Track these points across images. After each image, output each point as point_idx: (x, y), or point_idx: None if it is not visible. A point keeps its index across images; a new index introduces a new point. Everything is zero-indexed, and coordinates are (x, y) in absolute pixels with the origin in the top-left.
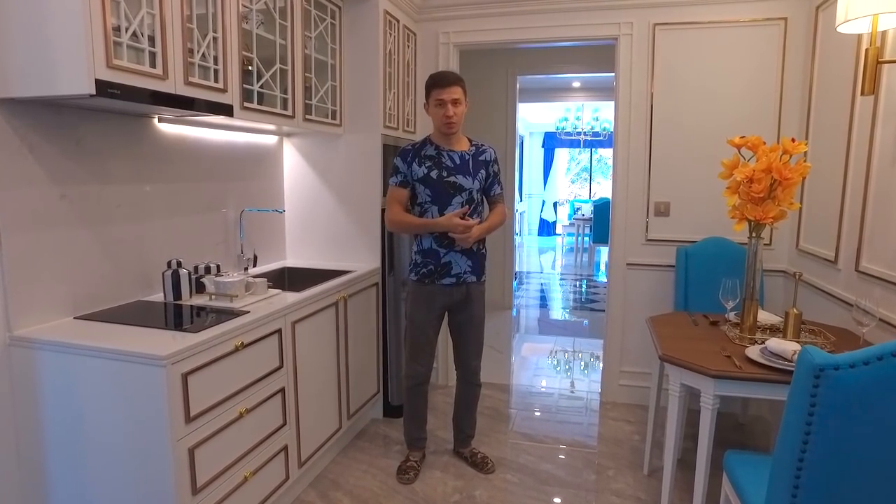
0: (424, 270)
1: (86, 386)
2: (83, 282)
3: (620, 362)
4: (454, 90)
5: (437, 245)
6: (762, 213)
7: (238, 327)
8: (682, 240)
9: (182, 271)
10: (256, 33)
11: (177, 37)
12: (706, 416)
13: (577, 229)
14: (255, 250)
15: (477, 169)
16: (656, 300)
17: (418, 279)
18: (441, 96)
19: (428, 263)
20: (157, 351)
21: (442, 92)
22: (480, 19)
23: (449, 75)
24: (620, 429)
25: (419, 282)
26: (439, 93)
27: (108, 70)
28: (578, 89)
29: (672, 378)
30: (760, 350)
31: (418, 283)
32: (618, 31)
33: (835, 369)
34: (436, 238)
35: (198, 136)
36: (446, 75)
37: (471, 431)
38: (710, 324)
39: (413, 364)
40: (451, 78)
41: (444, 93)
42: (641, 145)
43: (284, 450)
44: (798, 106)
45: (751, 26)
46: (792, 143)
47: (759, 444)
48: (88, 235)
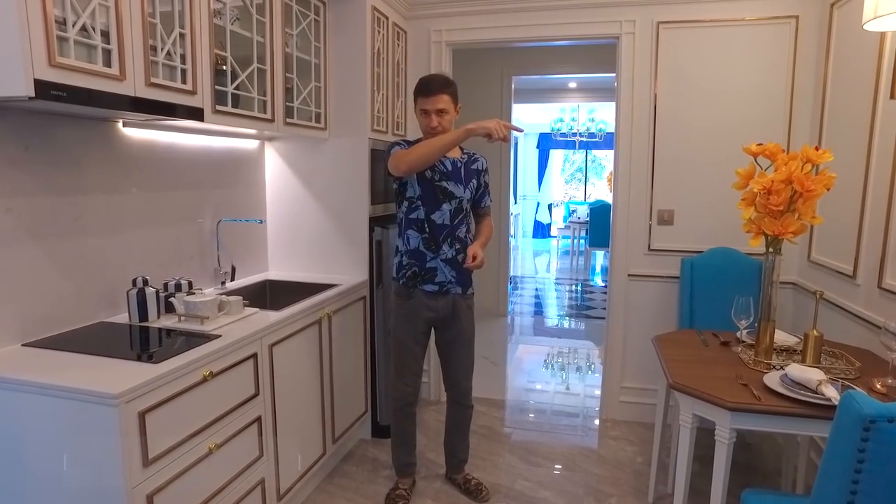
0: (409, 273)
1: (27, 427)
2: (35, 303)
3: (621, 378)
4: (439, 99)
5: (425, 247)
6: (781, 228)
7: (207, 355)
8: (688, 250)
9: (149, 290)
10: (231, 30)
11: (136, 32)
12: (721, 452)
13: (572, 232)
14: (234, 263)
15: (469, 178)
16: (659, 314)
17: (401, 282)
18: (425, 106)
19: (412, 265)
20: (108, 388)
21: (426, 101)
22: (474, 17)
23: (434, 83)
24: (622, 450)
25: (403, 286)
26: (423, 102)
27: (50, 69)
28: (575, 90)
29: (683, 408)
30: (780, 378)
31: (401, 294)
32: (619, 29)
33: (889, 421)
34: (424, 240)
35: (170, 141)
36: (432, 82)
37: (464, 456)
38: (720, 344)
39: (399, 384)
40: (436, 87)
41: (429, 102)
42: (644, 150)
43: (261, 484)
44: (810, 109)
45: (760, 25)
46: (816, 151)
47: (769, 466)
48: (40, 252)
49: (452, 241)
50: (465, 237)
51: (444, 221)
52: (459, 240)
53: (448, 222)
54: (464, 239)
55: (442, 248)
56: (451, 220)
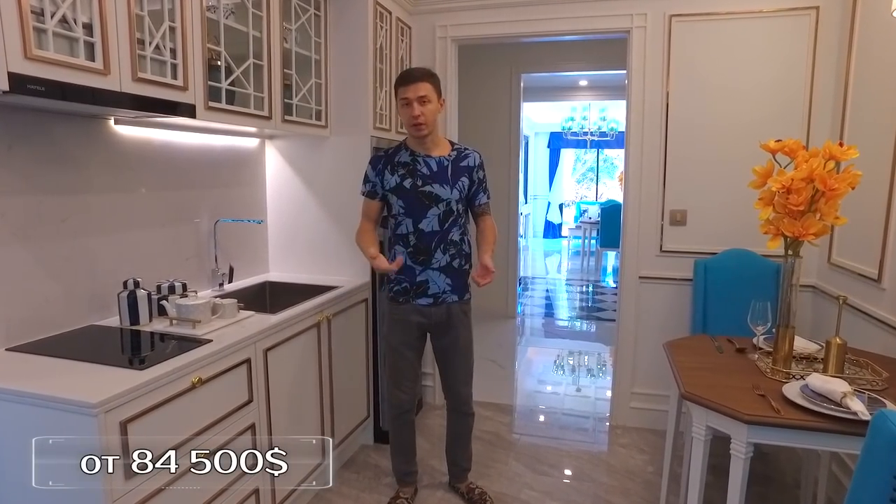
0: (398, 288)
1: (5, 436)
2: (20, 306)
3: (632, 383)
4: (420, 86)
5: (412, 261)
6: (802, 229)
7: (195, 361)
8: (701, 251)
9: (140, 292)
10: (225, 24)
11: (122, 25)
12: (737, 468)
13: (583, 232)
14: (234, 264)
15: (457, 176)
16: (671, 317)
17: (392, 297)
18: (406, 94)
19: (402, 280)
20: (87, 397)
21: (406, 90)
22: (480, 11)
23: (415, 71)
24: (632, 458)
25: (393, 300)
26: (404, 90)
27: (26, 62)
28: (585, 88)
29: (696, 419)
30: (801, 389)
31: (392, 302)
32: (630, 23)
33: None
34: (409, 254)
35: (165, 139)
36: (412, 71)
37: (466, 465)
38: (736, 351)
39: (395, 391)
40: (418, 74)
41: (409, 90)
42: (655, 148)
43: (255, 493)
44: (831, 104)
45: (777, 16)
46: (840, 147)
47: (787, 478)
48: (25, 253)
49: (446, 247)
50: (459, 240)
51: (433, 228)
52: (454, 244)
53: (437, 228)
54: (458, 242)
55: (434, 255)
56: (441, 225)
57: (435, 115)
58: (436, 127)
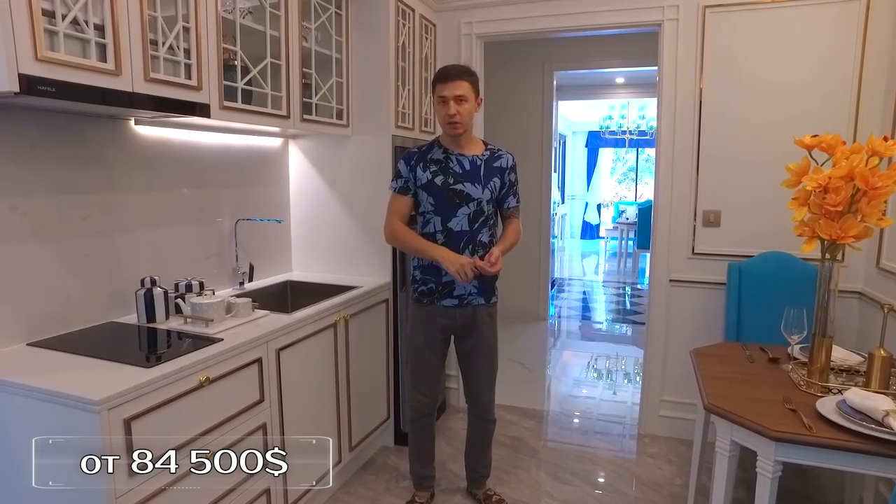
0: (423, 289)
1: (15, 429)
2: (41, 303)
3: (661, 391)
4: (458, 85)
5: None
6: (840, 231)
7: (204, 359)
8: (735, 254)
9: (157, 290)
10: (242, 23)
11: (134, 26)
12: (764, 488)
13: (620, 233)
14: (255, 263)
15: (489, 176)
16: (704, 323)
17: (416, 298)
18: (443, 93)
19: (428, 281)
20: (91, 393)
21: (444, 87)
22: (506, 7)
23: (454, 69)
24: (660, 469)
25: (417, 301)
26: (441, 88)
27: (37, 63)
28: (622, 85)
29: (720, 433)
30: (837, 404)
31: (416, 303)
32: (661, 15)
33: None
34: None
35: (185, 139)
36: (450, 69)
37: (485, 471)
38: (768, 360)
39: (416, 394)
40: (456, 72)
41: (446, 88)
42: (688, 146)
43: (266, 494)
44: (882, 99)
45: (821, 5)
46: (884, 142)
47: (829, 498)
48: (46, 251)
49: (475, 248)
50: (489, 242)
51: (462, 227)
52: (483, 245)
53: (467, 228)
54: (488, 244)
55: (463, 256)
56: (471, 225)
57: (471, 114)
58: (471, 126)
